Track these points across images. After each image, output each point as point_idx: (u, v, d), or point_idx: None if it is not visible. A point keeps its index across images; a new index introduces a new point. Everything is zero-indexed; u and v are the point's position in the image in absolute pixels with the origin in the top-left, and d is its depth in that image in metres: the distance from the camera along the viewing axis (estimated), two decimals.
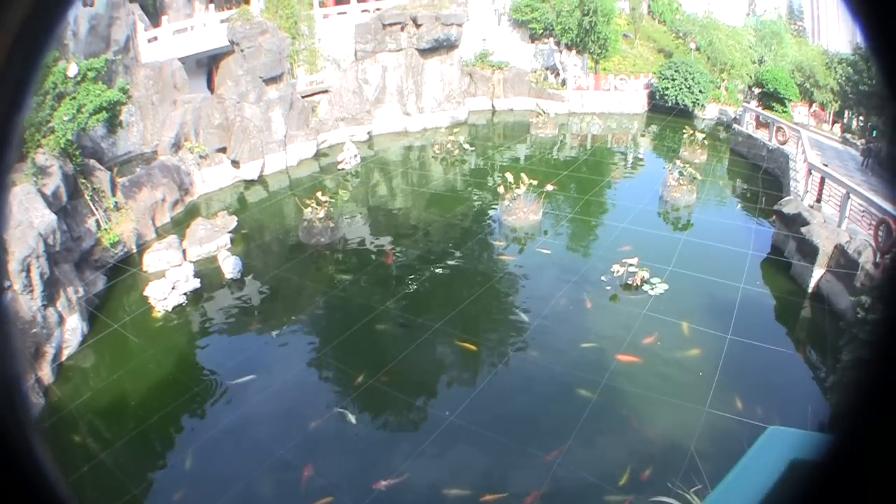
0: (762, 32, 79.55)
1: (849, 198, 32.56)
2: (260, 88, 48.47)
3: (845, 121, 68.72)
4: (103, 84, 35.75)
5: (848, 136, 59.75)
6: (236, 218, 38.34)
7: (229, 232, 36.39)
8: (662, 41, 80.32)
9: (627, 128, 63.61)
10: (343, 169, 48.29)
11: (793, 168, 43.61)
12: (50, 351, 25.21)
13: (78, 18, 45.50)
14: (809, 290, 30.96)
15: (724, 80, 69.59)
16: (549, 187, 37.62)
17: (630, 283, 29.90)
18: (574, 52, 65.91)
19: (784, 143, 48.34)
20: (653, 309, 28.27)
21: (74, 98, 33.77)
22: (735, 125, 57.34)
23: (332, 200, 37.77)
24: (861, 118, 66.59)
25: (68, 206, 31.56)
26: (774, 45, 77.30)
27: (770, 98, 64.37)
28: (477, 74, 66.43)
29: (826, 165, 39.79)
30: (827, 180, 36.49)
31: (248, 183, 46.80)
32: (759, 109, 58.42)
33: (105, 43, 44.89)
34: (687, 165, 42.52)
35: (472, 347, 26.33)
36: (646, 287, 29.74)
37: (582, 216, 39.02)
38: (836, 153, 50.36)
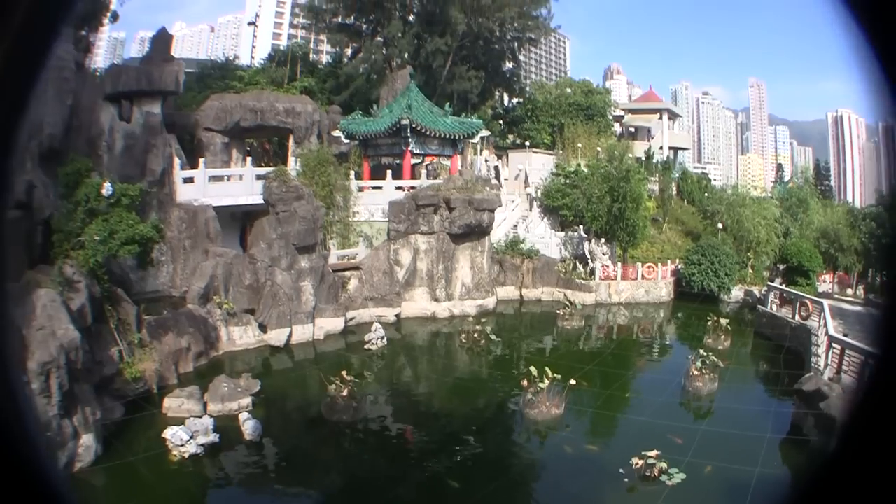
0: (788, 202, 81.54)
1: (868, 363, 31.97)
2: (292, 256, 48.53)
3: (869, 280, 69.09)
4: (136, 215, 35.92)
5: (871, 296, 60.21)
6: (259, 382, 38.02)
7: (252, 394, 36.04)
8: (691, 223, 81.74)
9: (654, 317, 63.62)
10: (369, 349, 47.47)
11: (815, 343, 43.47)
12: (61, 458, 25.22)
13: (113, 132, 45.90)
14: None
15: (750, 259, 70.35)
16: (573, 382, 36.72)
17: (648, 474, 29.11)
18: (603, 240, 66.07)
19: (806, 318, 48.57)
20: (668, 499, 27.61)
21: (107, 220, 34.41)
22: (759, 306, 57.67)
23: (357, 381, 37.08)
24: (884, 274, 67.84)
25: (92, 329, 31.70)
26: (800, 214, 79.14)
27: (794, 272, 65.05)
28: (507, 263, 66.25)
29: (846, 335, 39.80)
30: (847, 350, 36.35)
31: (274, 349, 46.50)
32: (783, 287, 58.79)
33: (140, 169, 45.48)
34: (710, 354, 42.20)
35: None
36: (663, 478, 28.89)
37: (604, 410, 38.38)
38: (859, 317, 51.02)
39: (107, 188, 35.61)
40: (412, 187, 60.36)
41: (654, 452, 29.13)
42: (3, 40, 2.11)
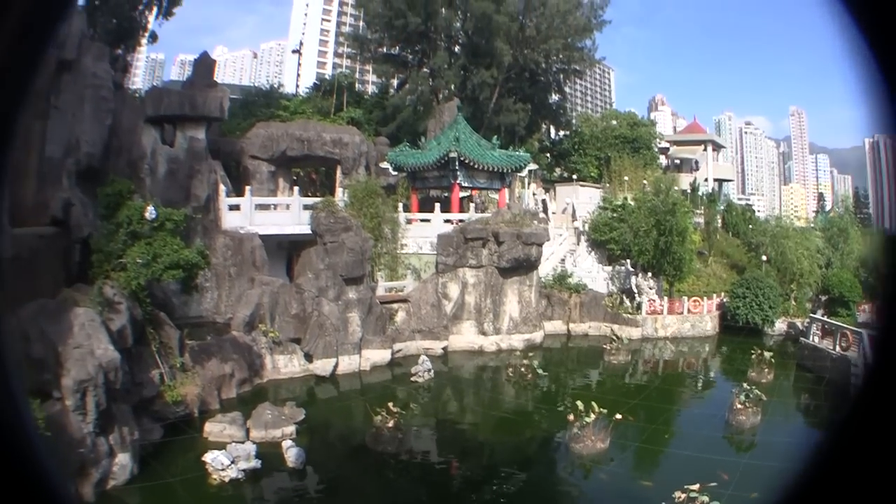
0: (830, 232, 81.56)
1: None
2: (340, 286, 48.47)
3: None
4: (181, 240, 36.01)
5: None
6: (304, 411, 38.01)
7: (296, 423, 35.96)
8: (736, 255, 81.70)
9: (699, 351, 63.42)
10: (416, 382, 47.25)
11: (853, 373, 43.69)
12: (94, 475, 25.59)
13: (155, 155, 46.34)
14: None
15: (793, 291, 70.40)
16: (618, 416, 36.50)
17: None
18: (650, 274, 65.99)
19: (847, 349, 48.47)
20: None
21: (150, 244, 34.69)
22: (802, 339, 57.31)
23: (403, 412, 37.07)
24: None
25: (133, 350, 31.99)
26: (841, 244, 79.14)
27: (836, 303, 65.77)
28: (554, 297, 65.68)
29: None
30: None
31: (320, 379, 46.51)
32: (825, 318, 58.76)
33: (184, 194, 46.15)
34: (753, 387, 42.07)
35: None
36: None
37: (648, 444, 38.11)
38: None
39: (150, 211, 35.76)
40: (461, 220, 60.37)
41: (696, 486, 28.84)
42: (1, 38, 2.13)
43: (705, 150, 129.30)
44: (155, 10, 70.79)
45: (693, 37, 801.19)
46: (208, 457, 28.68)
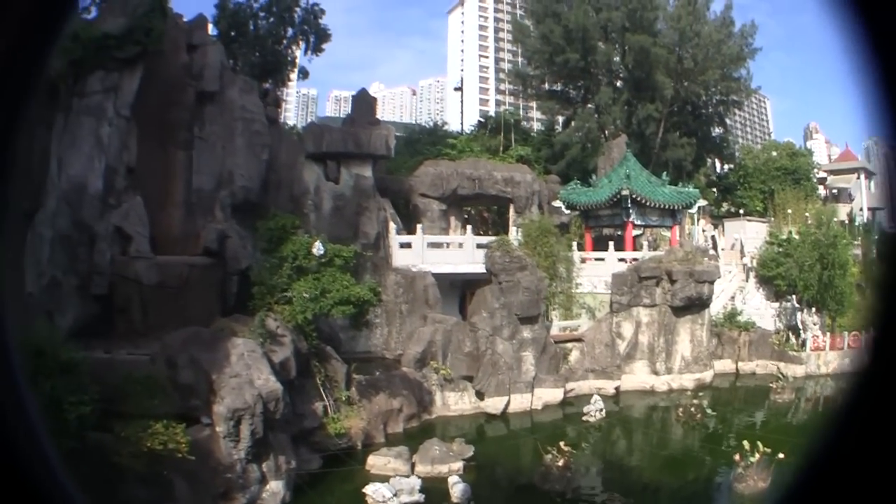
0: None
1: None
2: (514, 326, 48.31)
3: None
4: (351, 276, 36.50)
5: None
6: (472, 447, 37.74)
7: (464, 459, 35.67)
8: None
9: None
10: (587, 421, 46.71)
11: None
12: (241, 500, 26.17)
13: (320, 192, 46.67)
14: None
15: None
16: (781, 456, 35.27)
17: None
18: (814, 309, 64.94)
19: None
20: None
21: (318, 279, 35.18)
22: None
23: (574, 452, 36.76)
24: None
25: (295, 382, 32.62)
26: None
27: None
28: (724, 335, 64.70)
29: None
30: None
31: (490, 416, 46.42)
32: None
33: (352, 231, 46.77)
34: None
35: None
36: None
37: None
38: None
39: (317, 247, 36.43)
40: (634, 259, 59.89)
41: None
42: (5, 34, 2.17)
43: (858, 178, 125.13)
44: (302, 45, 72.49)
45: (838, 58, 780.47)
46: (369, 488, 29.02)
